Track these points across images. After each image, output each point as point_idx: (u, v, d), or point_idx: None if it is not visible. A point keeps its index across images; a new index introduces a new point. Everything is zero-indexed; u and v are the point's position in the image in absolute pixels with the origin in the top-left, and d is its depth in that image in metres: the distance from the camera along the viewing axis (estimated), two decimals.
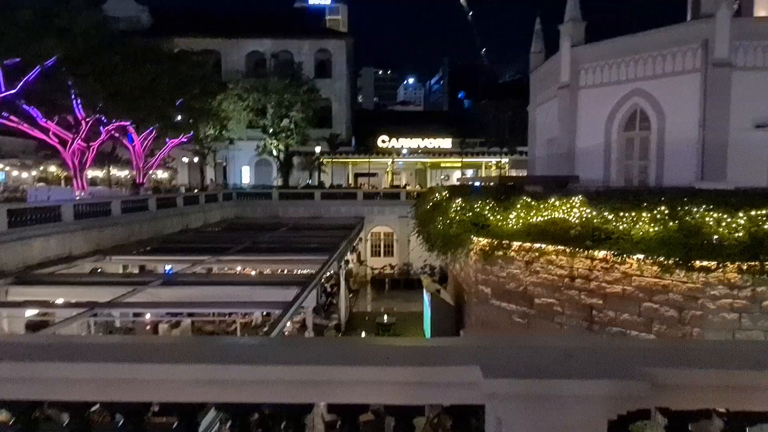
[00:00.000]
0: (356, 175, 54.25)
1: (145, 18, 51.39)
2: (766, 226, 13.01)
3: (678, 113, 22.05)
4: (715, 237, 13.13)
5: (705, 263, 13.13)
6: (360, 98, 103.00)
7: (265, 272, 23.08)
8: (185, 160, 47.74)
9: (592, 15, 26.17)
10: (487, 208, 17.98)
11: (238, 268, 22.49)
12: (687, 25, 23.86)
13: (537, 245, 16.63)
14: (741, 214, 13.16)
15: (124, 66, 28.67)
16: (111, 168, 41.96)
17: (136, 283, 16.02)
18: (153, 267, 21.86)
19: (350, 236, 29.49)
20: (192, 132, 40.47)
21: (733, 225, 13.11)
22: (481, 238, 18.16)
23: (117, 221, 23.95)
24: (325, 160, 49.89)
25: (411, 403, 2.03)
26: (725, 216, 13.20)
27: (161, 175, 48.98)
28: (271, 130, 46.16)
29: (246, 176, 52.35)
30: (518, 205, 17.15)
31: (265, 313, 19.85)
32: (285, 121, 45.75)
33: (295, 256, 21.54)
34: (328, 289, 29.92)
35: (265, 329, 12.95)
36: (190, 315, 18.74)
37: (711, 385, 1.93)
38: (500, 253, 17.63)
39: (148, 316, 18.43)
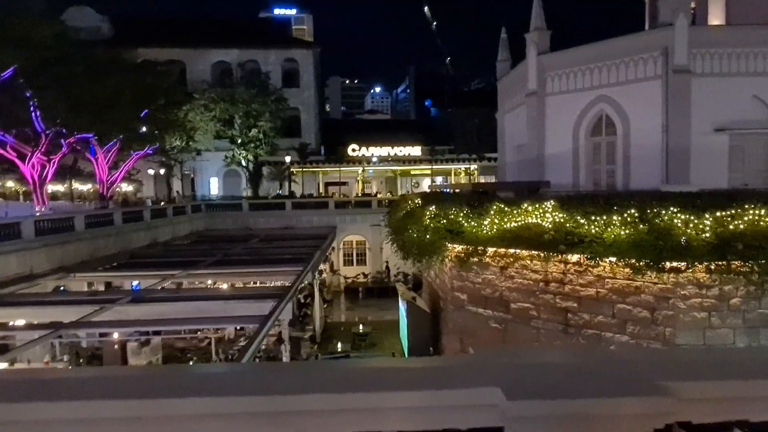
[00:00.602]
0: (327, 184, 54.02)
1: (107, 28, 50.15)
2: (731, 227, 13.39)
3: (642, 118, 22.64)
4: (684, 238, 13.44)
5: (675, 264, 13.43)
6: (328, 107, 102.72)
7: (237, 285, 22.63)
8: (151, 172, 46.60)
9: (556, 24, 26.70)
10: (462, 214, 18.03)
11: (210, 282, 21.96)
12: (648, 33, 24.58)
13: (511, 250, 16.76)
14: (707, 216, 13.51)
15: (85, 77, 27.84)
16: (73, 182, 40.62)
17: (103, 301, 15.41)
18: (120, 283, 21.17)
19: (323, 246, 29.23)
20: (157, 143, 39.55)
21: (700, 226, 13.45)
22: (456, 245, 18.20)
23: (81, 237, 23.10)
24: (295, 170, 49.48)
25: (427, 429, 1.91)
26: (692, 218, 13.54)
27: (126, 187, 47.64)
28: (239, 141, 45.55)
29: (214, 187, 51.47)
30: (492, 212, 17.25)
31: (239, 327, 19.41)
32: (253, 131, 45.24)
33: (269, 268, 21.17)
34: (302, 300, 29.55)
35: (242, 343, 12.61)
36: (157, 333, 18.11)
37: (733, 397, 1.88)
38: (475, 259, 17.70)
39: (116, 336, 17.75)
